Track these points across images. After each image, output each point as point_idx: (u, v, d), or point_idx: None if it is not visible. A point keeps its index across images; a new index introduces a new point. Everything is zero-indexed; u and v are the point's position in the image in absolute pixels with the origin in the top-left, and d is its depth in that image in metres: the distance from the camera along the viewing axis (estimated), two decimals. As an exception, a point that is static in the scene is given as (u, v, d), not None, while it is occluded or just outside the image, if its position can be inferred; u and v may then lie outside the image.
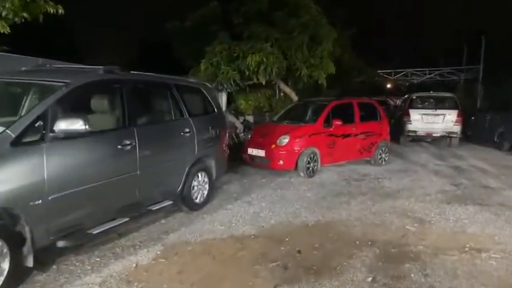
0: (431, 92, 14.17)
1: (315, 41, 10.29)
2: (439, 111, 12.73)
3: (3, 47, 5.87)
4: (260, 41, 9.61)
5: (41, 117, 3.28)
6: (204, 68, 9.87)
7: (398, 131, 13.39)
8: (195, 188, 5.39)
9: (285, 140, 7.62)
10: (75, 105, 3.71)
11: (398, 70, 28.05)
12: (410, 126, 12.94)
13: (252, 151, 7.99)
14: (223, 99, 12.85)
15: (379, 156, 9.24)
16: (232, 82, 10.08)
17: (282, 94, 12.67)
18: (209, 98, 5.82)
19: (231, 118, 13.54)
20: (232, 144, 11.80)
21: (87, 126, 3.38)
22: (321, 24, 10.32)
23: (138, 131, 4.19)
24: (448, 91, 16.21)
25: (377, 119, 9.34)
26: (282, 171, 7.92)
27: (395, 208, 5.87)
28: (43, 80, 3.81)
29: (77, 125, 3.33)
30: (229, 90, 11.40)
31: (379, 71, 27.40)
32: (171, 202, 4.86)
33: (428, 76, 28.51)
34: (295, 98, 12.26)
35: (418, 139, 13.67)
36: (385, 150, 9.37)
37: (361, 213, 5.59)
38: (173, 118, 4.96)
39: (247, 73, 9.84)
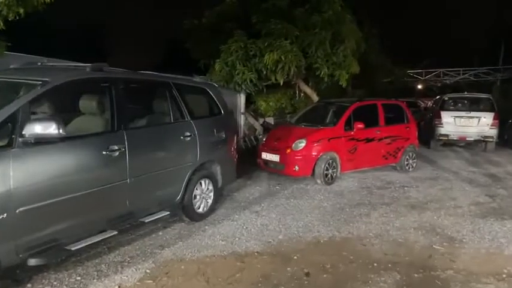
0: (465, 92, 13.20)
1: (337, 39, 9.68)
2: (473, 114, 11.80)
3: (6, 43, 5.61)
4: (279, 38, 9.08)
5: (10, 119, 2.91)
6: (219, 68, 9.43)
7: (428, 134, 12.56)
8: (198, 197, 4.94)
9: (301, 144, 7.07)
10: (53, 106, 3.36)
11: (429, 70, 26.77)
12: (442, 130, 12.05)
13: (266, 155, 7.49)
14: (241, 100, 12.44)
15: (405, 163, 8.53)
16: (249, 82, 9.58)
17: (302, 95, 12.10)
18: (215, 98, 5.37)
19: (249, 120, 13.13)
20: (250, 147, 11.38)
21: (61, 131, 2.98)
22: (344, 21, 9.69)
23: (129, 135, 3.77)
24: (483, 92, 15.12)
25: (404, 121, 8.63)
26: (298, 178, 7.37)
27: (422, 223, 5.23)
28: (21, 79, 3.45)
29: (50, 129, 2.94)
30: (247, 91, 10.91)
31: (408, 71, 26.26)
32: (167, 213, 4.43)
33: (461, 76, 27.10)
34: (316, 99, 11.65)
35: (450, 143, 12.76)
36: (412, 155, 8.66)
37: (382, 228, 4.99)
38: (172, 120, 4.52)
39: (264, 72, 9.34)
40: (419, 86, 32.14)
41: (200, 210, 5.00)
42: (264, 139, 7.97)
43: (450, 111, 12.20)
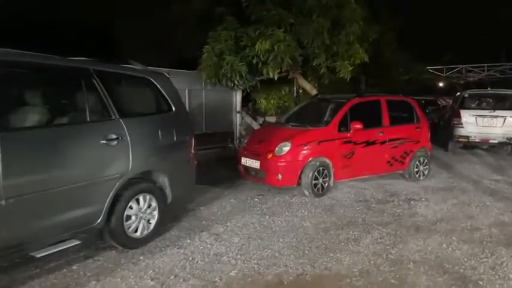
0: (488, 88, 11.71)
1: (339, 24, 8.47)
2: (498, 113, 10.36)
3: None
4: (271, 26, 7.94)
5: None
6: (206, 56, 8.35)
7: (447, 135, 11.18)
8: (133, 217, 3.87)
9: (285, 148, 5.92)
10: None
11: (451, 66, 24.97)
12: (462, 131, 10.65)
13: (245, 161, 6.36)
14: (237, 97, 11.38)
15: (415, 169, 7.25)
16: (238, 76, 8.48)
17: (301, 92, 10.93)
18: (163, 91, 4.28)
19: (246, 119, 12.05)
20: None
21: None
22: (347, 5, 8.46)
23: (5, 140, 2.73)
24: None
25: (413, 121, 7.35)
26: (284, 188, 6.22)
27: (426, 253, 4.02)
28: None
29: None
30: (240, 88, 9.81)
31: (428, 68, 24.55)
32: (77, 242, 3.37)
33: (486, 73, 25.21)
34: (317, 96, 10.43)
35: (470, 146, 11.34)
36: (423, 161, 7.37)
37: (372, 262, 3.80)
38: (87, 119, 3.45)
39: (255, 62, 8.22)
40: (440, 84, 30.33)
41: (137, 234, 3.93)
42: (246, 141, 6.84)
43: (471, 109, 10.78)
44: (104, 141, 3.48)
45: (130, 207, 3.82)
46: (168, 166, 4.22)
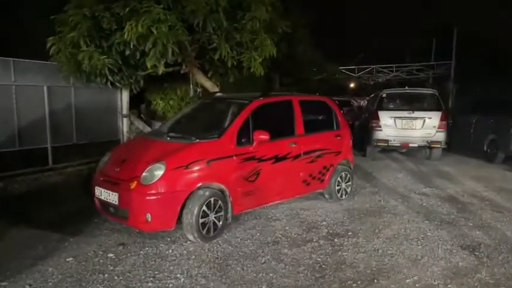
0: (406, 87, 10.94)
1: (241, 8, 6.73)
2: (417, 114, 9.52)
3: None
4: (146, 1, 5.89)
5: None
6: (54, 49, 6.07)
7: (364, 139, 10.12)
8: None
9: (156, 172, 3.94)
10: None
11: (362, 66, 25.01)
12: (380, 134, 9.64)
13: (100, 192, 4.26)
14: (123, 97, 9.12)
15: (337, 187, 5.76)
16: (108, 71, 6.29)
17: (199, 91, 9.08)
18: None
19: (137, 124, 9.86)
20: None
21: None
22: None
23: None
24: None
25: (333, 127, 5.84)
26: (158, 232, 4.24)
27: None
28: None
29: None
30: (119, 86, 7.61)
31: (340, 68, 24.32)
32: None
33: (394, 74, 25.72)
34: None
35: (388, 150, 10.44)
36: (346, 176, 5.90)
37: None
38: None
39: (127, 53, 6.12)
40: (352, 85, 30.65)
41: None
42: (103, 162, 4.69)
43: (389, 110, 9.84)
44: None
45: None
46: None
